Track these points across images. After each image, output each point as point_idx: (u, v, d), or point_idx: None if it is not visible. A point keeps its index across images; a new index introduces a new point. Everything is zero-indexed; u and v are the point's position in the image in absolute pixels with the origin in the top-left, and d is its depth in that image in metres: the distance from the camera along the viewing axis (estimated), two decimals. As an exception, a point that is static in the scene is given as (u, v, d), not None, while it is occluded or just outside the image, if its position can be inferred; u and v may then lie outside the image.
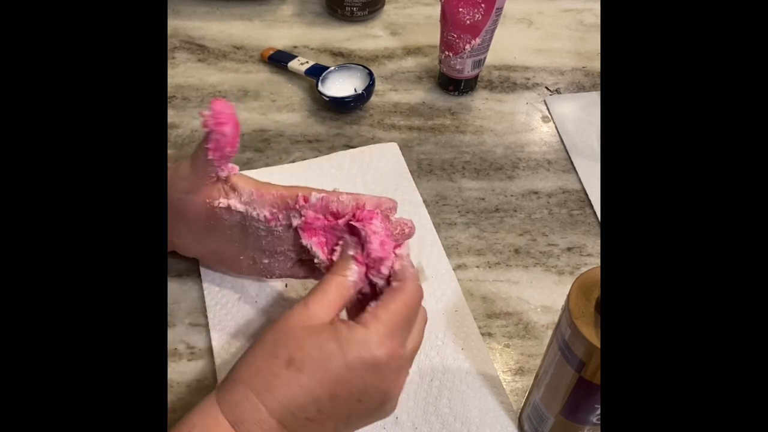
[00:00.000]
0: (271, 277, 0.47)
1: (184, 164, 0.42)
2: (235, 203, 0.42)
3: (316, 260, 0.42)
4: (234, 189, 0.43)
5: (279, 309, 0.49)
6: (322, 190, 0.42)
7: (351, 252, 0.39)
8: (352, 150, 0.61)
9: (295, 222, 0.42)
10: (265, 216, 0.42)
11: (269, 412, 0.34)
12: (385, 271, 0.39)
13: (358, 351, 0.34)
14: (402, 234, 0.42)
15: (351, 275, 0.38)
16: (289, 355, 0.34)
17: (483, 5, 0.59)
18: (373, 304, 0.37)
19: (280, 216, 0.42)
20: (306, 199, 0.41)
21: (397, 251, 0.40)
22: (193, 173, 0.41)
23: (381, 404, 0.36)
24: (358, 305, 0.40)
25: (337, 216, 0.41)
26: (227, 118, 0.39)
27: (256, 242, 0.44)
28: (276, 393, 0.34)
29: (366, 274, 0.39)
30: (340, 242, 0.41)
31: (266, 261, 0.45)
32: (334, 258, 0.40)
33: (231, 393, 0.34)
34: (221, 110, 0.38)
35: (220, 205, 0.43)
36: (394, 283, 0.38)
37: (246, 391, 0.34)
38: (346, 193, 0.41)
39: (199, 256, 0.50)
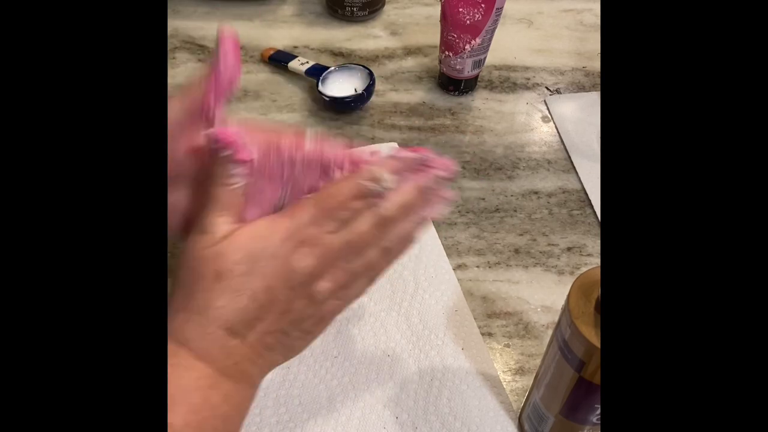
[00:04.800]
0: None
1: (171, 102, 0.38)
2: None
3: None
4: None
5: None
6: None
7: (228, 152, 0.36)
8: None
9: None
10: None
11: (215, 325, 0.34)
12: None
13: (284, 238, 0.35)
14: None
15: (236, 181, 0.36)
16: (214, 271, 0.34)
17: (483, 5, 0.59)
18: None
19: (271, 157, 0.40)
20: (300, 146, 0.38)
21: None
22: (184, 109, 0.38)
23: (311, 295, 0.36)
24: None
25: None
26: (233, 46, 0.37)
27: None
28: (214, 303, 0.34)
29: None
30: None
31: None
32: None
33: (173, 321, 0.35)
34: (227, 37, 0.37)
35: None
36: (337, 174, 0.37)
37: (187, 315, 0.35)
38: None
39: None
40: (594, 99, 0.68)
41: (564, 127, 0.65)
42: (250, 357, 0.36)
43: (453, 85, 0.67)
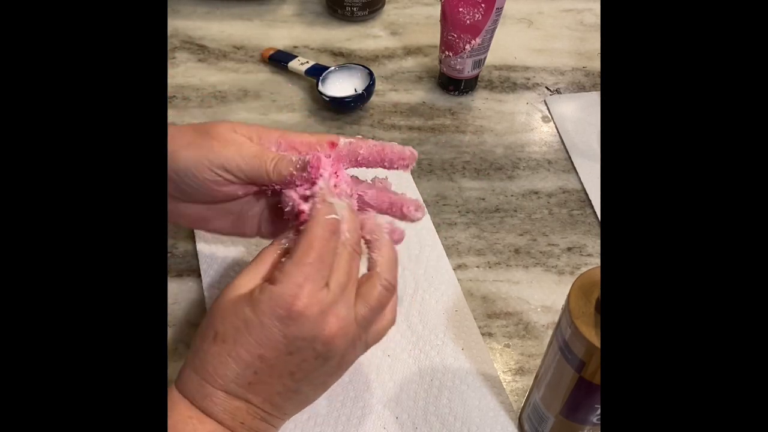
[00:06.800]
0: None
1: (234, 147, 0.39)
2: None
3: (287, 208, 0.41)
4: None
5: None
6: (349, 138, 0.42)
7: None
8: (352, 150, 0.61)
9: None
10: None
11: (212, 386, 0.35)
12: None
13: (269, 308, 0.34)
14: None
15: (284, 242, 0.38)
16: (214, 330, 0.35)
17: (483, 5, 0.59)
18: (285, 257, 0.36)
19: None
20: (333, 145, 0.41)
21: (311, 190, 0.38)
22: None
23: (317, 353, 0.35)
24: None
25: (361, 164, 0.42)
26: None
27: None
28: (210, 367, 0.35)
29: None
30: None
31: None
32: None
33: (181, 375, 0.36)
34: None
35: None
36: (301, 227, 0.37)
37: (190, 371, 0.36)
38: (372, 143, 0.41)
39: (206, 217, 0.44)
40: (594, 99, 0.68)
41: (564, 127, 0.65)
42: (260, 415, 0.36)
43: (453, 85, 0.67)
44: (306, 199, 0.39)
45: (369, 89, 0.64)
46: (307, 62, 0.68)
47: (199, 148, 0.39)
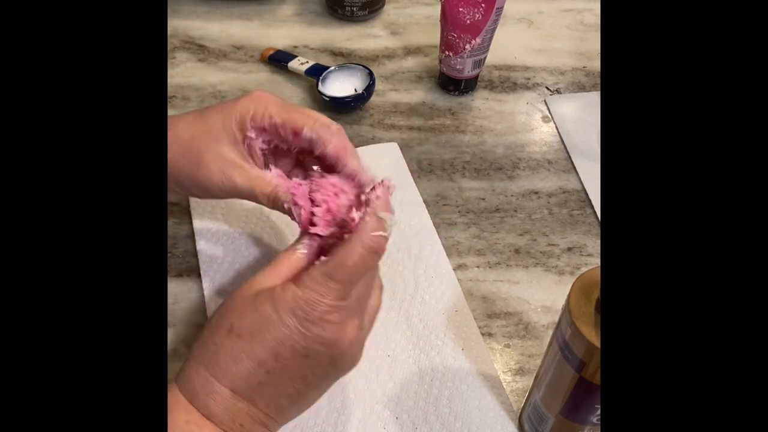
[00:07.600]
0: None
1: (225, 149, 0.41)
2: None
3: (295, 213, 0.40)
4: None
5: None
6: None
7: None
8: (352, 150, 0.61)
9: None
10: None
11: (219, 383, 0.34)
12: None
13: (291, 308, 0.34)
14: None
15: (302, 248, 0.38)
16: (229, 324, 0.35)
17: (483, 5, 0.59)
18: (318, 262, 0.36)
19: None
20: (297, 133, 0.41)
21: (373, 194, 0.37)
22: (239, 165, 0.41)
23: (332, 359, 0.36)
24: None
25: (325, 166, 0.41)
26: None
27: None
28: (221, 362, 0.34)
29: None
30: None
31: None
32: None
33: (185, 371, 0.35)
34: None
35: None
36: (346, 236, 0.36)
37: (197, 365, 0.34)
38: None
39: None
40: (594, 99, 0.68)
41: (564, 127, 0.65)
42: (261, 420, 0.35)
43: (453, 85, 0.67)
44: (359, 206, 0.37)
45: (369, 89, 0.64)
46: (307, 62, 0.68)
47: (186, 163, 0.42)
